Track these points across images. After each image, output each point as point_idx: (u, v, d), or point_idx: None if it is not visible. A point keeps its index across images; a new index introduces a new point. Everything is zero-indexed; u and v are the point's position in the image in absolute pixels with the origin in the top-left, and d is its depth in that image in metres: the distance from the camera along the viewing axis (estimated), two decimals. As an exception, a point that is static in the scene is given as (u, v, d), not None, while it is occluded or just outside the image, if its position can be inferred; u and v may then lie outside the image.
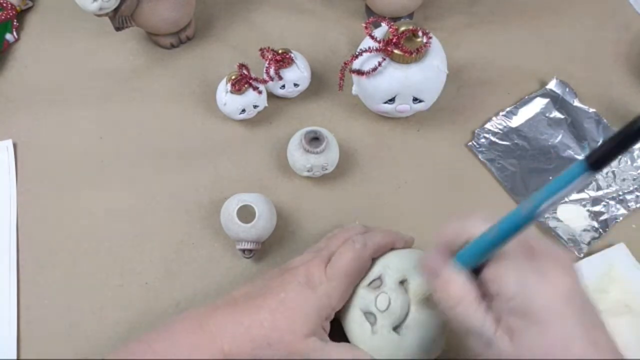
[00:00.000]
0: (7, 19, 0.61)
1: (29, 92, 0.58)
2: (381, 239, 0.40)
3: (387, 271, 0.39)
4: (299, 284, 0.37)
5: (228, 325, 0.37)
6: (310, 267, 0.38)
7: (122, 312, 0.46)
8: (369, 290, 0.39)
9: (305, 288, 0.37)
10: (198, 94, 0.58)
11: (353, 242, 0.39)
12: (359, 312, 0.39)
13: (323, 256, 0.39)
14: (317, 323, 0.37)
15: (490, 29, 0.64)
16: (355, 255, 0.38)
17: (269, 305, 0.37)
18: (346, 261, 0.38)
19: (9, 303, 0.46)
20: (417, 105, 0.52)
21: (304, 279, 0.38)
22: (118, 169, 0.53)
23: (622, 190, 0.52)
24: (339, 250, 0.39)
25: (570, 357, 0.29)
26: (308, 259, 0.40)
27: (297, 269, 0.39)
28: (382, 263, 0.40)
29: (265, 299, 0.37)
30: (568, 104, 0.58)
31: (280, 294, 0.37)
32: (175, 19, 0.58)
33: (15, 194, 0.51)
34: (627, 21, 0.65)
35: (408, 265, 0.39)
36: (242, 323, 0.36)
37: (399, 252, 0.41)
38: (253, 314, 0.37)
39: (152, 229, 0.50)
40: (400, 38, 0.48)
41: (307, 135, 0.48)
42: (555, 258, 0.32)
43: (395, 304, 0.38)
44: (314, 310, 0.37)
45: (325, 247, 0.41)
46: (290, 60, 0.54)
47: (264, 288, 0.38)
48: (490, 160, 0.54)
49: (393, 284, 0.38)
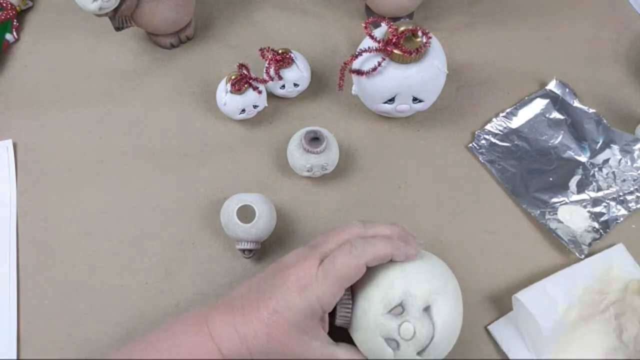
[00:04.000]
0: (7, 19, 0.61)
1: (29, 92, 0.58)
2: (381, 248, 0.38)
3: (409, 299, 0.37)
4: (288, 289, 0.37)
5: (225, 331, 0.37)
6: (301, 269, 0.37)
7: (122, 312, 0.46)
8: (390, 317, 0.37)
9: (295, 295, 0.37)
10: (198, 94, 0.58)
11: (351, 246, 0.38)
12: (380, 339, 0.37)
13: (316, 255, 0.38)
14: (310, 326, 0.37)
15: (490, 29, 0.64)
16: (350, 261, 0.37)
17: (262, 315, 0.37)
18: (340, 266, 0.37)
19: (9, 303, 0.46)
20: (416, 105, 0.52)
21: (294, 284, 0.37)
22: (118, 169, 0.53)
23: (622, 191, 0.52)
24: (335, 253, 0.38)
25: None
26: (301, 257, 0.39)
27: (289, 271, 0.38)
28: (402, 288, 0.37)
29: (259, 307, 0.37)
30: (568, 105, 0.57)
31: (272, 302, 0.37)
32: (175, 19, 0.58)
33: (15, 194, 0.51)
34: (627, 21, 0.65)
35: (430, 287, 0.38)
36: (238, 332, 0.37)
37: (417, 271, 0.39)
38: (247, 323, 0.37)
39: (152, 229, 0.50)
40: (400, 38, 0.48)
41: (307, 135, 0.48)
42: None
43: (420, 333, 0.37)
44: (307, 316, 0.37)
45: (322, 243, 0.40)
46: (290, 60, 0.54)
47: (259, 292, 0.38)
48: (491, 162, 0.54)
49: (417, 312, 0.37)
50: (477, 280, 0.48)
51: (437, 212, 0.51)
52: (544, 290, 0.45)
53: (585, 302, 0.45)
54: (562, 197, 0.52)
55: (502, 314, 0.46)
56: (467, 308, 0.41)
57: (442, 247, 0.49)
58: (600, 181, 0.53)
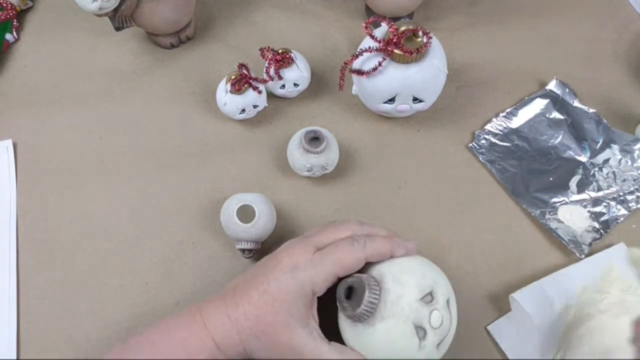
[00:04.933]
0: (7, 19, 0.61)
1: (29, 92, 0.58)
2: (381, 246, 0.39)
3: (438, 288, 0.38)
4: (281, 271, 0.37)
5: (217, 318, 0.37)
6: (294, 253, 0.38)
7: (122, 312, 0.46)
8: (423, 304, 0.37)
9: (287, 275, 0.37)
10: (198, 94, 0.58)
11: (353, 239, 0.38)
12: (410, 326, 0.37)
13: (310, 243, 0.39)
14: (301, 311, 0.37)
15: (490, 29, 0.64)
16: (352, 252, 0.38)
17: (252, 297, 0.37)
18: (341, 254, 0.37)
19: (8, 303, 0.46)
20: (417, 105, 0.52)
21: (287, 265, 0.37)
22: (118, 169, 0.53)
23: (622, 191, 0.52)
24: (337, 243, 0.38)
25: None
26: (294, 243, 0.39)
27: (280, 255, 0.38)
28: (432, 277, 0.38)
29: (249, 291, 0.37)
30: (568, 105, 0.57)
31: (262, 284, 0.37)
32: (175, 19, 0.58)
33: (15, 194, 0.51)
34: (627, 21, 0.65)
35: (447, 283, 0.39)
36: (229, 316, 0.37)
37: (435, 266, 0.40)
38: (238, 307, 0.37)
39: (152, 229, 0.50)
40: (401, 38, 0.48)
41: (307, 135, 0.48)
42: None
43: (446, 323, 0.37)
44: (296, 298, 0.37)
45: (316, 235, 0.40)
46: (290, 60, 0.54)
47: (251, 279, 0.39)
48: (491, 162, 0.54)
49: (443, 302, 0.38)
50: (477, 280, 0.48)
51: (437, 212, 0.51)
52: (541, 290, 0.45)
53: (584, 302, 0.45)
54: (562, 197, 0.52)
55: (501, 314, 0.46)
56: (467, 308, 0.41)
57: (442, 247, 0.49)
58: (600, 181, 0.53)
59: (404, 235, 0.43)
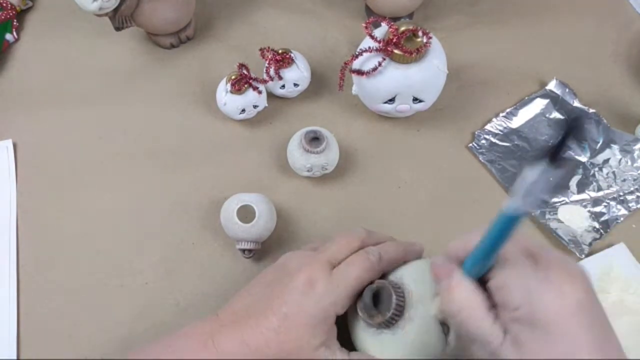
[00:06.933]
0: (7, 19, 0.61)
1: (29, 92, 0.58)
2: (395, 253, 0.38)
3: None
4: (300, 294, 0.35)
5: (234, 346, 0.35)
6: (312, 272, 0.36)
7: (122, 312, 0.46)
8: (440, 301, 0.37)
9: (307, 298, 0.35)
10: (198, 94, 0.58)
11: (367, 252, 0.37)
12: (436, 323, 0.36)
13: (323, 259, 0.37)
14: (324, 332, 0.36)
15: (490, 29, 0.64)
16: (369, 266, 0.37)
17: (272, 323, 0.35)
18: (358, 271, 0.36)
19: (8, 303, 0.46)
20: (417, 105, 0.52)
21: (305, 286, 0.36)
22: (118, 169, 0.53)
23: (622, 191, 0.52)
24: (351, 259, 0.37)
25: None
26: (307, 262, 0.38)
27: (297, 275, 0.36)
28: None
29: (267, 315, 0.35)
30: (568, 105, 0.57)
31: (282, 308, 0.35)
32: (175, 19, 0.58)
33: (15, 194, 0.51)
34: (627, 21, 0.65)
35: None
36: (249, 345, 0.35)
37: None
38: (258, 334, 0.35)
39: (152, 229, 0.50)
40: (400, 38, 0.48)
41: (307, 135, 0.48)
42: (563, 267, 0.31)
43: None
44: (319, 320, 0.35)
45: (325, 248, 0.39)
46: (290, 60, 0.54)
47: (264, 299, 0.37)
48: (491, 162, 0.54)
49: None
50: (477, 280, 0.48)
51: (437, 212, 0.51)
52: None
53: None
54: (562, 197, 0.52)
55: (502, 314, 0.46)
56: (467, 308, 0.41)
57: (442, 247, 0.49)
58: (600, 181, 0.53)
59: (405, 236, 0.43)
